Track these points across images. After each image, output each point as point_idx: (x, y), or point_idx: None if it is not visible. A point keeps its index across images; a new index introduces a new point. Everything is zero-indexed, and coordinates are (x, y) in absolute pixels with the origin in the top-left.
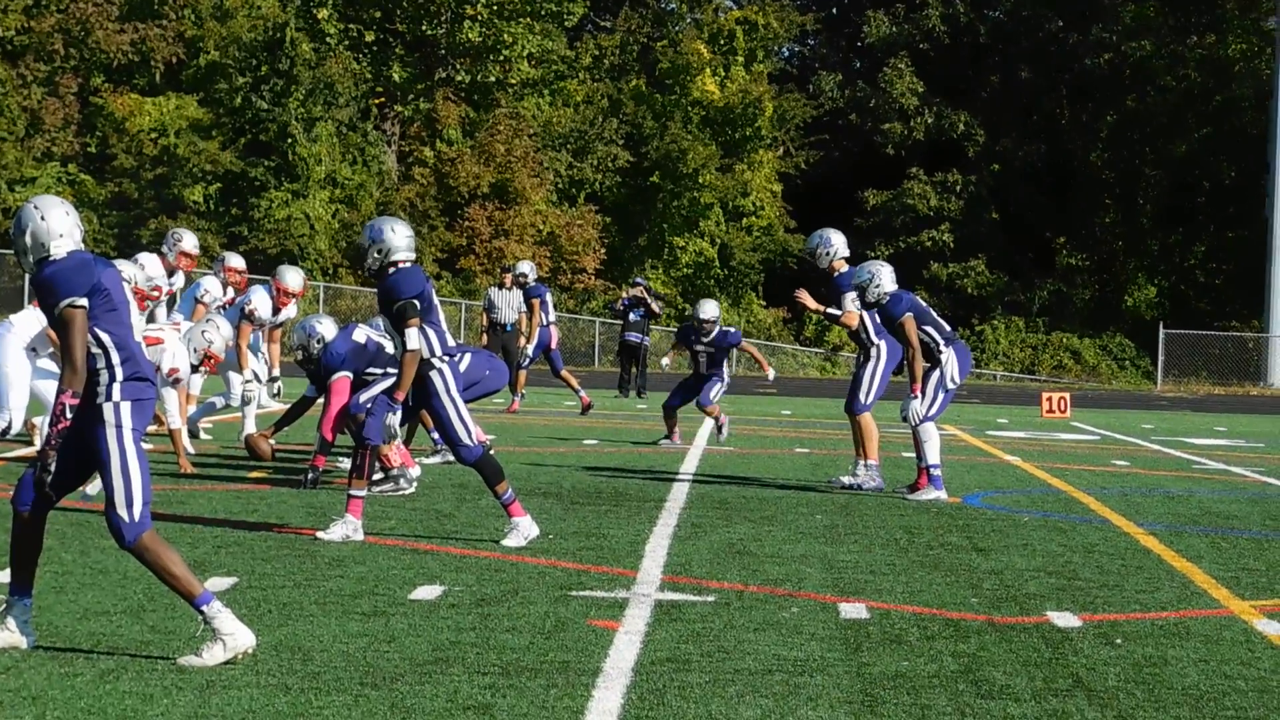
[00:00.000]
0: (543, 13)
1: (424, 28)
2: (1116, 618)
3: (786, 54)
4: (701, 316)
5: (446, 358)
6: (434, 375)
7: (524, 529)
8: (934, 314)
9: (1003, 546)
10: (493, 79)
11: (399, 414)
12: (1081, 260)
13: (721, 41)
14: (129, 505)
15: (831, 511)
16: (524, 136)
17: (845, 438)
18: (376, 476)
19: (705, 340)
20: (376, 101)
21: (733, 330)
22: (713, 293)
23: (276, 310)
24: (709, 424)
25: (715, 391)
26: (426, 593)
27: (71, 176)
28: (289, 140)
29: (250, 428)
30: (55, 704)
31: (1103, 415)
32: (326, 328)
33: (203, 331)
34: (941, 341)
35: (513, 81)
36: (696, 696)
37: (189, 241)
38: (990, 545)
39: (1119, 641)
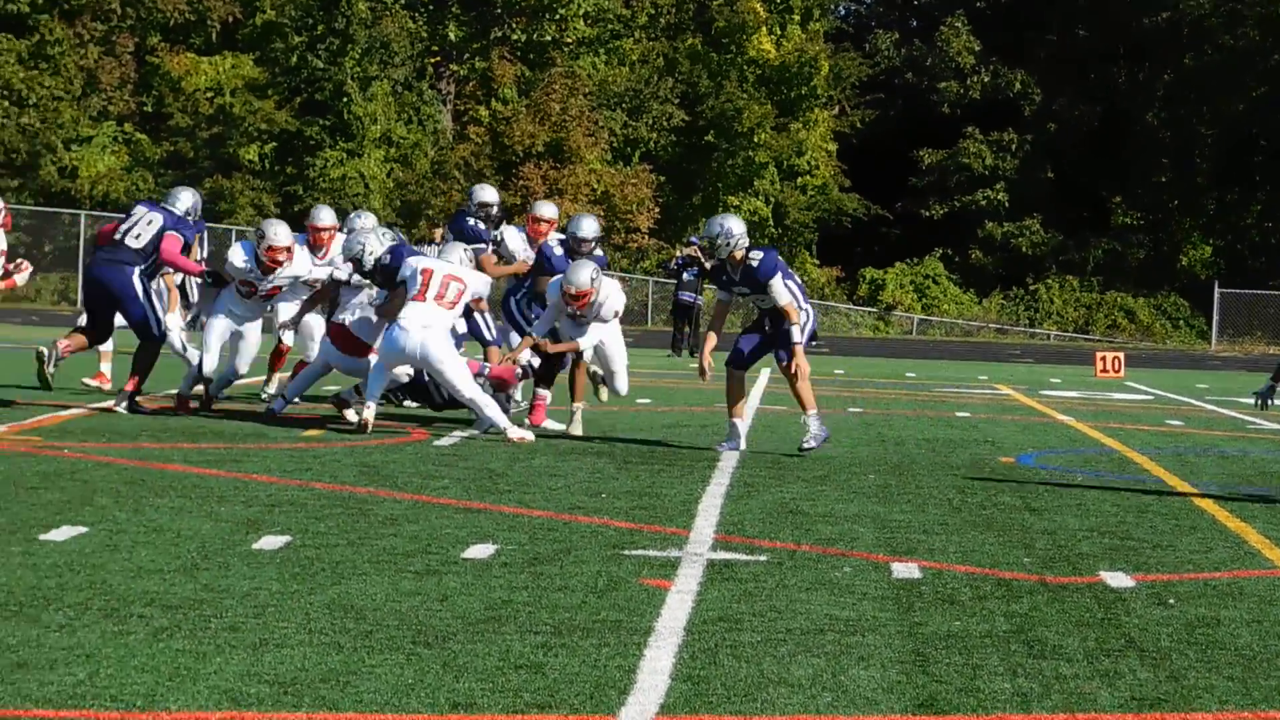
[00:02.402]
0: None
1: None
2: (1169, 578)
3: (843, 13)
4: None
5: None
6: None
7: None
8: None
9: (1056, 506)
10: (548, 38)
11: None
12: (1136, 219)
13: (777, 0)
14: None
15: (884, 471)
16: (579, 95)
17: (899, 397)
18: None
19: None
20: (432, 60)
21: None
22: None
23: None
24: (763, 381)
25: None
26: (479, 551)
27: (127, 135)
28: (344, 99)
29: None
30: (108, 662)
31: (1157, 375)
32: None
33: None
34: None
35: (568, 40)
36: (748, 656)
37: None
38: (1043, 505)
39: (1172, 602)
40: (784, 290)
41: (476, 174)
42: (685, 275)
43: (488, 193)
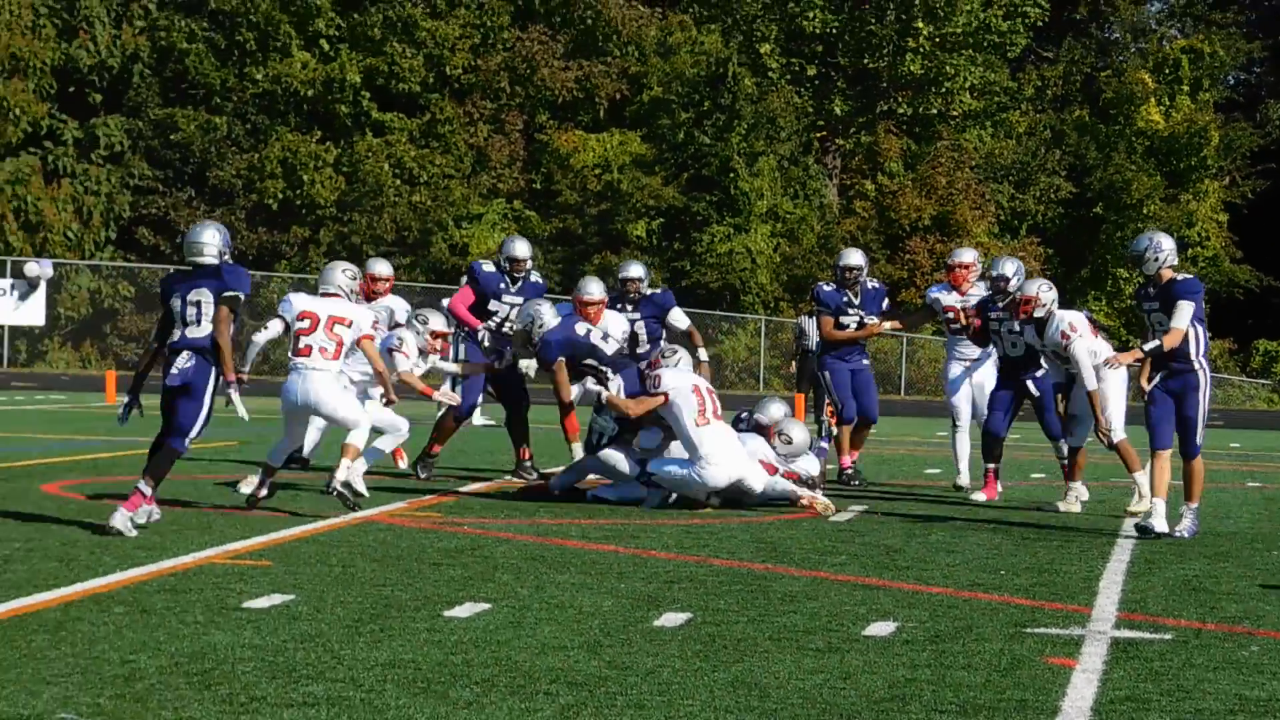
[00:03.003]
0: (985, 44)
1: (866, 61)
2: None
3: (1232, 82)
4: None
5: None
6: None
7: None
8: None
9: None
10: (934, 111)
11: None
12: None
13: (1166, 70)
14: None
15: None
16: (965, 168)
17: None
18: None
19: None
20: (818, 135)
21: None
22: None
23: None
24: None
25: None
26: (880, 629)
27: (516, 212)
28: (731, 174)
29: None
30: None
31: None
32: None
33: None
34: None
35: (954, 113)
36: None
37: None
38: None
39: None
40: (1187, 315)
41: (863, 248)
42: None
43: (853, 256)
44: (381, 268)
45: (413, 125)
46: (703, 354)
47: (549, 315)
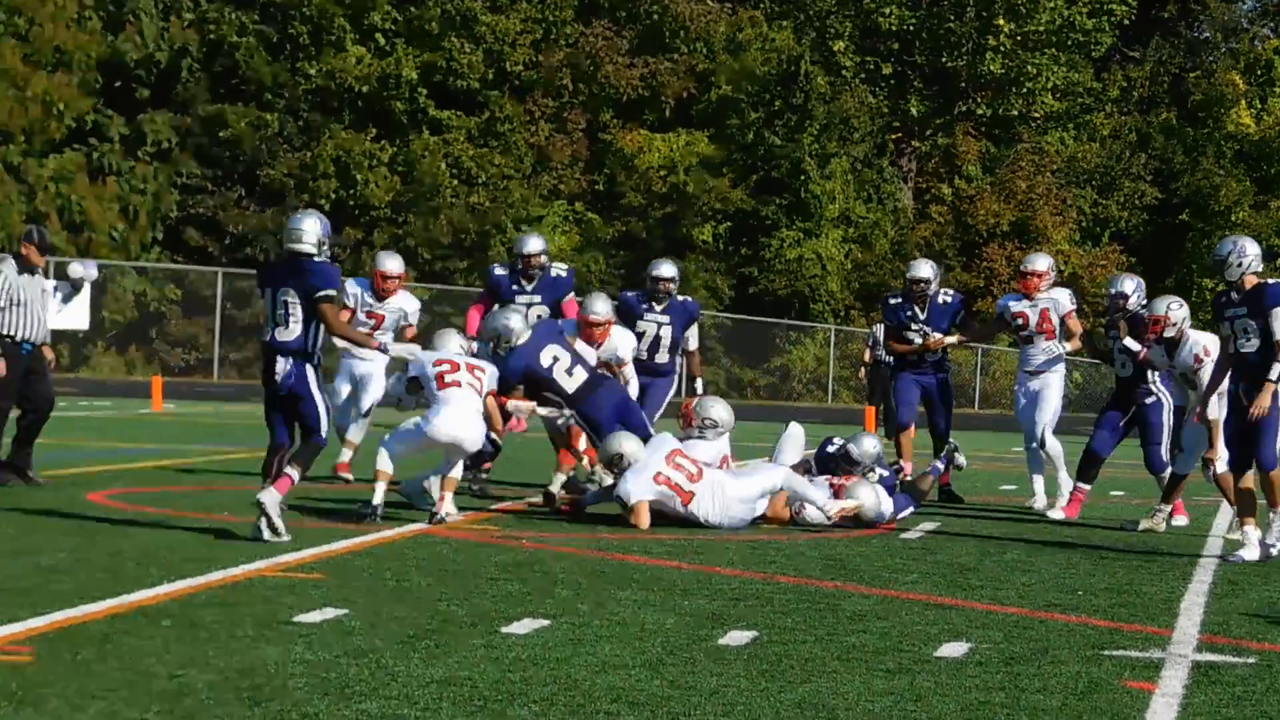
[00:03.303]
0: (1069, 43)
1: (944, 60)
2: None
3: None
4: None
5: None
6: None
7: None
8: None
9: None
10: (1015, 112)
11: None
12: None
13: (1258, 71)
14: None
15: None
16: (1046, 172)
17: None
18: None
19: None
20: (893, 136)
21: None
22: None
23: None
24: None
25: None
26: (952, 650)
27: (578, 215)
28: (802, 177)
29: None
30: None
31: None
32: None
33: None
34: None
35: (1036, 115)
36: None
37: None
38: None
39: None
40: None
41: (937, 255)
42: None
43: (922, 269)
44: (392, 264)
45: (471, 123)
46: (699, 385)
47: (518, 331)
